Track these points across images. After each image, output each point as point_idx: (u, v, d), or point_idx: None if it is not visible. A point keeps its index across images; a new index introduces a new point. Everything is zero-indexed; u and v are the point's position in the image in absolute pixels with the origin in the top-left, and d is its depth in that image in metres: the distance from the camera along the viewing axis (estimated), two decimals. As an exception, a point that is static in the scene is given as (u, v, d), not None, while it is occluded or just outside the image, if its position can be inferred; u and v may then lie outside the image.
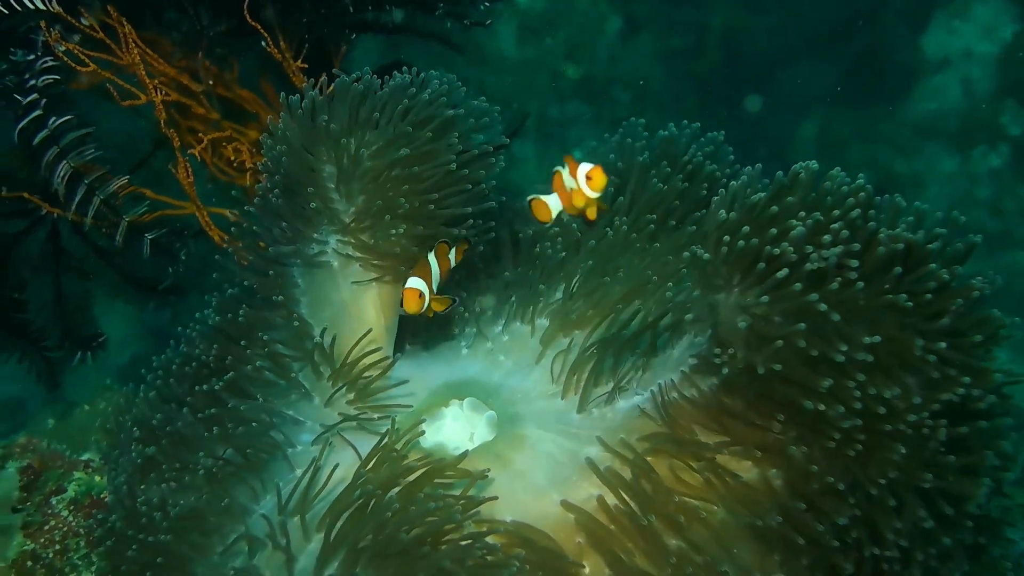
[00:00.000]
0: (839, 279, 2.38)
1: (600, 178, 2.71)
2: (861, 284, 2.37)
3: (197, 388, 3.19)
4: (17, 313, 4.13)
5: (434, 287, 2.94)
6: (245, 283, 3.36)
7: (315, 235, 3.24)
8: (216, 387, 3.14)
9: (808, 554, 2.52)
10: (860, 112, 10.59)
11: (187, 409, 3.17)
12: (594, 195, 2.74)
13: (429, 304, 2.92)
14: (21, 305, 4.14)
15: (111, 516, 3.07)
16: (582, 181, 2.73)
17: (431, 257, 2.96)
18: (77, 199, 3.61)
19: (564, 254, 3.50)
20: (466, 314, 3.54)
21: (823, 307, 2.35)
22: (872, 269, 2.39)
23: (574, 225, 3.51)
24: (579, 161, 2.74)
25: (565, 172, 2.75)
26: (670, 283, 3.29)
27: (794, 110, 10.52)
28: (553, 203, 2.83)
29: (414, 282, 2.85)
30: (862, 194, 2.53)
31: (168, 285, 4.22)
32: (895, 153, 10.52)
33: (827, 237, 2.41)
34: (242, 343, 3.23)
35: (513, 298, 3.51)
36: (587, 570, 2.71)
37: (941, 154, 10.56)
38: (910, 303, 2.35)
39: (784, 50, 10.42)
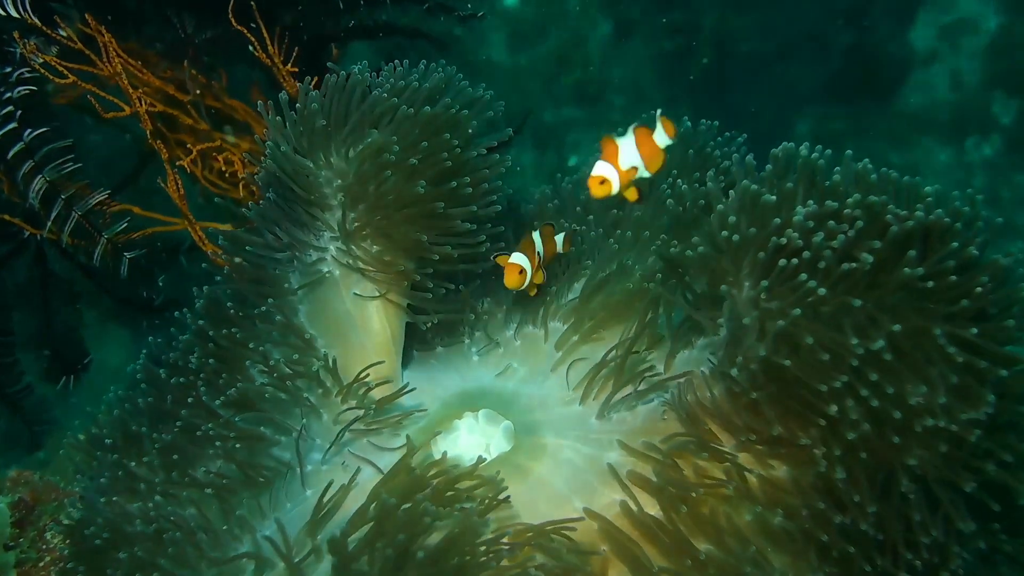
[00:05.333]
0: (850, 266, 2.30)
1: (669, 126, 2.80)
2: (868, 264, 2.28)
3: (191, 400, 3.09)
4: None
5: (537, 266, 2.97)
6: (237, 289, 3.25)
7: (314, 242, 3.16)
8: (209, 398, 3.06)
9: (840, 556, 2.46)
10: (854, 107, 10.64)
11: (180, 422, 3.08)
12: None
13: (531, 281, 2.93)
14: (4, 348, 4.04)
15: (90, 531, 2.98)
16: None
17: (536, 236, 2.96)
18: (53, 216, 3.49)
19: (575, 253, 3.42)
20: (475, 318, 3.44)
21: (822, 290, 2.29)
22: (885, 254, 2.29)
23: (581, 227, 3.44)
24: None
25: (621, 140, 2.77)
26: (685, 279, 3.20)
27: (788, 107, 10.57)
28: (610, 173, 2.79)
29: (517, 257, 2.86)
30: (872, 176, 2.46)
31: (161, 303, 4.11)
32: (891, 147, 10.56)
33: (832, 223, 2.33)
34: (239, 356, 3.15)
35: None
36: (613, 579, 2.64)
37: (935, 146, 10.64)
38: (931, 283, 2.25)
39: (775, 49, 10.47)
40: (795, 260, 2.34)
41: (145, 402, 3.21)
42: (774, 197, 2.45)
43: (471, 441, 3.02)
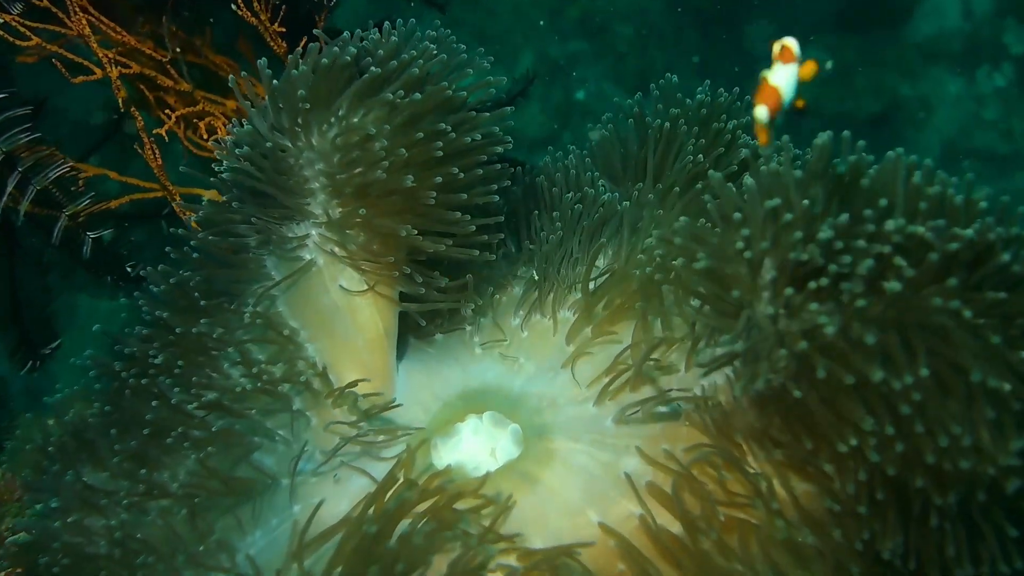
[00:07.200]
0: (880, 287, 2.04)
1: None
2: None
3: (156, 403, 2.80)
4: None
5: None
6: (206, 276, 2.96)
7: (294, 228, 2.89)
8: (180, 399, 2.79)
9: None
10: (864, 37, 10.53)
11: (146, 428, 2.79)
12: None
13: None
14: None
15: (44, 560, 2.69)
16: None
17: None
18: (9, 189, 3.23)
19: (582, 234, 3.16)
20: (476, 306, 3.14)
21: (830, 329, 2.03)
22: (924, 277, 2.03)
23: (605, 195, 3.19)
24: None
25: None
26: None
27: (798, 37, 10.30)
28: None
29: None
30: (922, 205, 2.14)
31: (136, 276, 3.84)
32: (901, 77, 10.48)
33: (860, 242, 2.05)
34: (212, 351, 2.88)
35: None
36: (631, 605, 2.43)
37: (946, 76, 10.58)
38: (968, 311, 1.98)
39: (784, -24, 10.27)
40: (812, 284, 2.07)
41: (102, 404, 2.93)
42: (805, 204, 2.15)
43: (475, 446, 2.80)
